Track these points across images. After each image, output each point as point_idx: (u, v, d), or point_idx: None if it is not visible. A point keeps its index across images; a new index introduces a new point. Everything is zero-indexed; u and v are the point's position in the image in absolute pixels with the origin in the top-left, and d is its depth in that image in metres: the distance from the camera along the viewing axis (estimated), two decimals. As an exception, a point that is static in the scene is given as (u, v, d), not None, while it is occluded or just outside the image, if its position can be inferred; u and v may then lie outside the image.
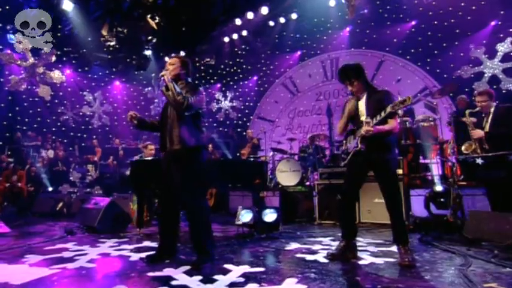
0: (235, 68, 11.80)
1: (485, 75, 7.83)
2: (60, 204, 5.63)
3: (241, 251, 2.92)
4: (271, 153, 7.14)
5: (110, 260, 2.58)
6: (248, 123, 11.57)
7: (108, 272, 2.27)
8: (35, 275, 2.13)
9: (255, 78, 11.50)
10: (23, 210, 5.97)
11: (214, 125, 11.95)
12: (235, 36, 10.22)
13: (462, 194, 3.59)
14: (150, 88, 11.01)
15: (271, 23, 9.53)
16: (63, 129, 10.21)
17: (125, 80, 11.32)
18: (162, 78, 2.46)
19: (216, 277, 2.09)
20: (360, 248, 2.82)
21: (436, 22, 8.49)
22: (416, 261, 2.39)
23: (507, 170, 2.86)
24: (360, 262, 2.46)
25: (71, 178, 7.39)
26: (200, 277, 2.08)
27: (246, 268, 2.29)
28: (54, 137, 9.44)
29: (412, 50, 8.77)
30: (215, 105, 11.54)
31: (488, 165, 3.03)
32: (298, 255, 2.71)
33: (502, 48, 7.71)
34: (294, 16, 9.17)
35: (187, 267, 2.31)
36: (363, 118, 2.60)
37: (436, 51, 8.52)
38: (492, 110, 3.51)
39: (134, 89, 11.59)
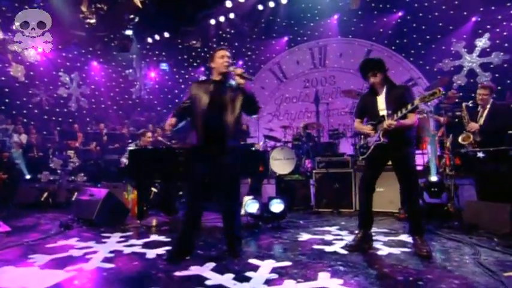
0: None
1: (464, 68, 8.21)
2: (45, 194, 5.28)
3: (257, 244, 2.91)
4: (261, 142, 7.10)
5: (127, 258, 2.46)
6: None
7: (131, 273, 2.16)
8: (51, 279, 1.99)
9: (240, 62, 11.27)
10: (2, 201, 5.54)
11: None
12: (222, 18, 9.87)
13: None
14: (131, 70, 10.43)
15: (260, 7, 9.28)
16: (36, 111, 9.49)
17: (103, 61, 10.63)
18: (238, 72, 2.53)
19: (248, 274, 2.07)
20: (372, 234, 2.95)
21: (421, 14, 8.68)
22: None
23: (508, 164, 3.05)
24: (378, 253, 2.54)
25: (52, 165, 6.94)
26: (232, 275, 2.05)
27: (273, 263, 2.29)
28: (25, 120, 8.77)
29: (397, 41, 8.96)
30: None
31: (489, 159, 3.21)
32: (316, 246, 2.75)
33: (480, 43, 8.08)
34: (284, 1, 8.98)
35: (213, 264, 2.26)
36: (383, 112, 2.62)
37: (419, 43, 8.75)
38: (489, 105, 3.70)
39: (113, 70, 10.93)
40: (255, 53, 11.07)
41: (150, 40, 10.24)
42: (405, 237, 3.01)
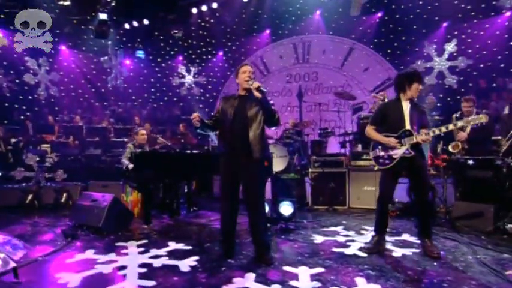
0: (198, 40, 11.17)
1: (435, 70, 8.88)
2: (30, 197, 4.93)
3: (279, 248, 3.06)
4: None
5: (162, 273, 2.45)
6: (212, 100, 11.28)
7: (177, 288, 2.21)
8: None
9: (221, 53, 11.11)
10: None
11: (175, 99, 11.38)
12: (204, 8, 9.60)
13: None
14: (106, 57, 9.79)
15: (244, -1, 9.18)
16: (-6, 99, 8.62)
17: (73, 46, 9.84)
18: (255, 86, 2.59)
19: (292, 284, 2.22)
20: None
21: (398, 16, 9.17)
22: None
23: (492, 171, 3.50)
24: (394, 254, 2.83)
25: (26, 161, 6.43)
26: (279, 286, 2.19)
27: (307, 270, 2.46)
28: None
29: (376, 40, 9.41)
30: (177, 79, 10.92)
31: (477, 166, 3.64)
32: (335, 249, 2.98)
33: (449, 47, 8.76)
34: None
35: (253, 274, 2.37)
36: (409, 126, 2.83)
37: (395, 44, 9.29)
38: (473, 116, 4.14)
39: (84, 56, 10.18)
40: (235, 44, 10.95)
41: (127, 26, 9.66)
42: (408, 237, 3.35)
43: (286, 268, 2.50)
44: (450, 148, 4.08)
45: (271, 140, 6.76)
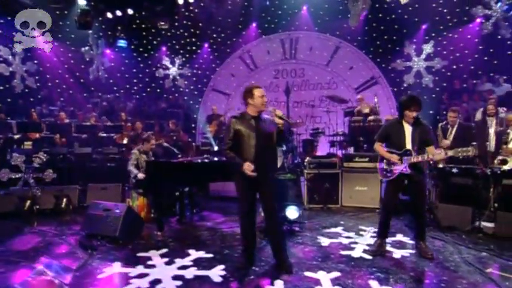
0: (182, 31, 10.97)
1: (413, 69, 9.52)
2: (28, 203, 4.87)
3: (292, 252, 3.39)
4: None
5: (198, 284, 2.68)
6: (196, 92, 11.25)
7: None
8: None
9: (206, 45, 11.01)
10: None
11: (158, 90, 11.21)
12: (191, -1, 9.44)
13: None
14: (87, 48, 9.38)
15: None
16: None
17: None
18: (278, 115, 2.89)
19: (318, 289, 2.57)
20: (373, 234, 3.76)
21: (380, 15, 9.59)
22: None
23: (473, 179, 4.05)
24: (394, 256, 3.27)
25: (12, 162, 6.21)
26: (307, 292, 2.53)
27: (326, 274, 2.82)
28: None
29: (359, 38, 9.80)
30: (161, 71, 10.76)
31: (459, 174, 4.17)
32: (342, 252, 3.37)
33: (427, 48, 9.40)
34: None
35: (280, 282, 2.69)
36: (409, 146, 3.22)
37: (378, 42, 9.76)
38: (456, 125, 4.68)
39: (60, 45, 9.67)
40: (220, 36, 10.90)
41: (110, 15, 9.27)
42: (401, 237, 3.82)
43: (307, 274, 2.85)
44: (435, 154, 4.59)
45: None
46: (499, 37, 8.53)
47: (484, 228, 3.90)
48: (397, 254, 3.32)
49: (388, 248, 3.46)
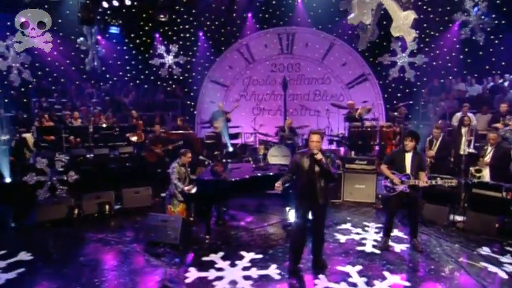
0: (174, 16, 11.18)
1: (398, 64, 10.67)
2: (76, 210, 5.59)
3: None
4: (251, 138, 8.37)
5: (267, 282, 3.71)
6: (190, 80, 11.75)
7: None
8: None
9: (201, 33, 11.34)
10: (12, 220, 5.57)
11: (152, 78, 11.55)
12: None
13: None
14: (82, 39, 9.42)
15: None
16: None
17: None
18: (318, 158, 3.71)
19: (351, 280, 3.77)
20: (376, 230, 5.05)
21: (371, 11, 10.46)
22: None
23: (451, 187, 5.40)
24: (395, 250, 4.57)
25: (37, 166, 6.71)
26: (345, 283, 3.72)
27: (352, 268, 4.03)
28: None
29: (350, 31, 10.68)
30: (157, 59, 11.04)
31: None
32: (358, 248, 4.61)
33: (410, 45, 10.51)
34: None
35: (323, 275, 3.87)
36: (409, 171, 4.39)
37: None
38: (440, 138, 5.96)
39: (54, 35, 9.58)
40: (214, 24, 11.23)
41: (105, 5, 9.29)
42: (397, 232, 5.15)
43: (339, 268, 4.05)
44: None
45: (274, 139, 8.04)
46: (474, 38, 9.83)
47: (457, 222, 5.34)
48: (397, 248, 4.64)
49: (390, 243, 4.76)
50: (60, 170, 6.91)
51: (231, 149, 7.84)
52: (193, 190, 5.10)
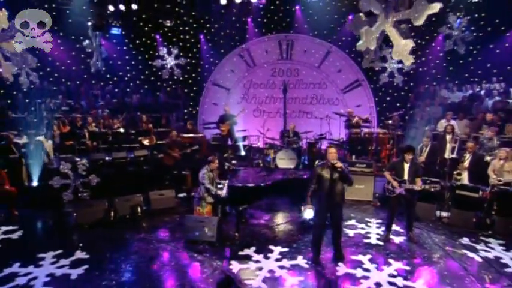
0: (175, 19, 11.80)
1: (388, 70, 11.94)
2: (112, 213, 6.37)
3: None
4: (258, 143, 9.37)
5: (298, 271, 4.81)
6: (190, 81, 12.48)
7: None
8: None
9: (201, 36, 12.04)
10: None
11: (152, 78, 12.17)
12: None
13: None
14: (87, 41, 9.91)
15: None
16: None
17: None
18: (338, 166, 4.73)
19: (365, 267, 4.89)
20: (377, 226, 6.24)
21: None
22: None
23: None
24: (395, 241, 5.76)
25: (61, 170, 7.35)
26: (360, 269, 4.84)
27: (364, 257, 5.17)
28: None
29: (343, 38, 11.79)
30: (159, 61, 11.66)
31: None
32: (365, 240, 5.77)
33: (400, 52, 11.76)
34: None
35: (341, 264, 4.97)
36: (406, 177, 5.56)
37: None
38: (429, 145, 7.22)
39: (58, 39, 10.01)
40: (213, 26, 11.96)
41: (111, 8, 9.80)
42: (394, 226, 6.36)
43: (353, 257, 5.17)
44: (414, 167, 7.14)
45: (278, 143, 9.05)
46: (455, 48, 11.23)
47: (442, 217, 6.64)
48: (396, 240, 5.84)
49: (391, 236, 5.96)
50: (82, 174, 7.64)
51: (243, 153, 8.77)
52: (223, 193, 6.02)
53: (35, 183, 7.42)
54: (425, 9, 5.95)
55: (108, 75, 11.68)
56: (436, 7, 5.95)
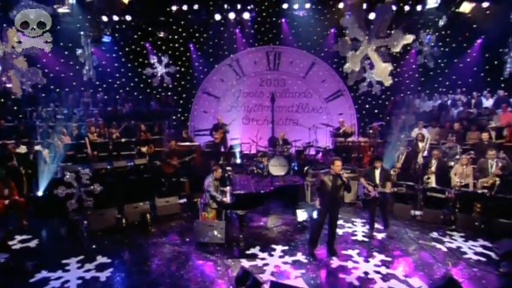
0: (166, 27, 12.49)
1: (366, 80, 13.28)
2: (124, 220, 7.07)
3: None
4: (251, 150, 10.33)
5: (299, 266, 5.87)
6: (180, 89, 13.22)
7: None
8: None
9: (191, 45, 12.80)
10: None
11: (142, 85, 12.78)
12: (185, 7, 11.14)
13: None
14: (80, 51, 10.41)
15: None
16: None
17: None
18: (345, 176, 5.80)
19: (355, 259, 6.00)
20: (362, 225, 7.42)
21: (346, 31, 12.88)
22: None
23: (412, 190, 7.94)
24: (378, 238, 6.93)
25: (65, 180, 7.89)
26: (352, 262, 5.94)
27: (353, 251, 6.28)
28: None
29: (326, 49, 13.01)
30: (150, 69, 12.31)
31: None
32: (352, 238, 6.89)
33: (377, 63, 13.13)
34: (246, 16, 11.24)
35: (336, 258, 6.05)
36: (378, 182, 6.75)
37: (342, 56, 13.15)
38: (405, 154, 8.51)
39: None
40: (202, 36, 12.75)
41: (105, 19, 10.35)
42: (376, 225, 7.55)
43: (344, 252, 6.27)
44: (391, 172, 8.39)
45: (268, 150, 10.05)
46: (425, 61, 12.75)
47: (415, 215, 7.94)
48: (379, 236, 7.02)
49: (374, 233, 7.14)
50: (86, 183, 8.25)
51: (238, 160, 9.68)
52: (228, 200, 6.92)
53: (40, 193, 7.93)
54: (401, 39, 7.16)
55: (97, 83, 12.15)
56: (410, 38, 7.18)
